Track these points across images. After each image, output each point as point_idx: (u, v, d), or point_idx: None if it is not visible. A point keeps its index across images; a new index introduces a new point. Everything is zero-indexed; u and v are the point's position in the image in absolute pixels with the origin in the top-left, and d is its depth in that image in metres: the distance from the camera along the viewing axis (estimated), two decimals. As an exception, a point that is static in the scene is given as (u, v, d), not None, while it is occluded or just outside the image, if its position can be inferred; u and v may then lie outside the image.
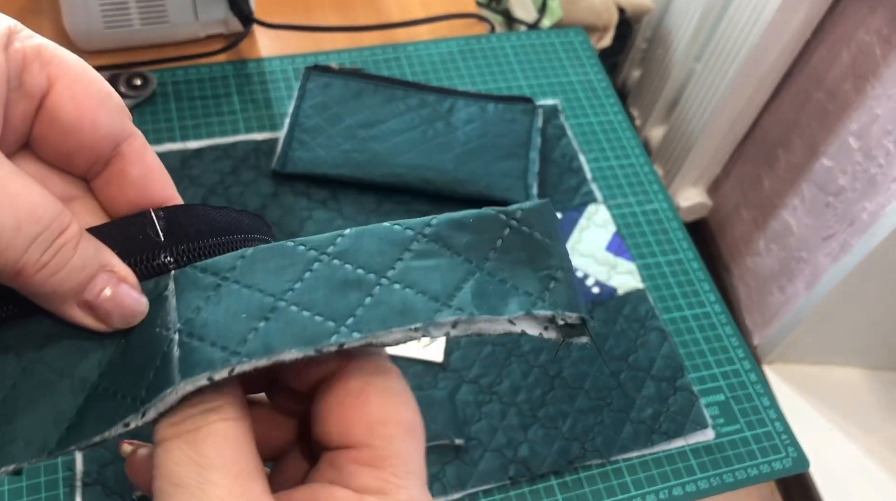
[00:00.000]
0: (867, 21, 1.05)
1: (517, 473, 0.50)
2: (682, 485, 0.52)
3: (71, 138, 0.23)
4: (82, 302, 0.22)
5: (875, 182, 1.05)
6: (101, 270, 0.22)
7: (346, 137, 0.63)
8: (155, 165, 0.24)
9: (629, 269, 0.61)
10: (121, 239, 0.23)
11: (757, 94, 1.21)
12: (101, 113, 0.23)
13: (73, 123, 0.22)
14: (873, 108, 1.04)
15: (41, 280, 0.21)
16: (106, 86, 0.23)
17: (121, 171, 0.24)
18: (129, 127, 0.24)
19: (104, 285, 0.22)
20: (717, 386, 0.57)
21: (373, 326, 0.21)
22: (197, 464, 0.19)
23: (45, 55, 0.22)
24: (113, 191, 0.24)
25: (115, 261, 0.22)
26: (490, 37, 0.76)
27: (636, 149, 0.69)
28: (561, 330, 0.22)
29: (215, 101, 0.66)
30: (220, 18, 0.69)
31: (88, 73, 0.23)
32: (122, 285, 0.22)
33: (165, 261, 0.23)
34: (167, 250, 0.23)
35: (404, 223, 0.23)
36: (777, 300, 1.25)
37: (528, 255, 0.23)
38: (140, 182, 0.24)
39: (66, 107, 0.22)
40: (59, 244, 0.21)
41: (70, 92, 0.22)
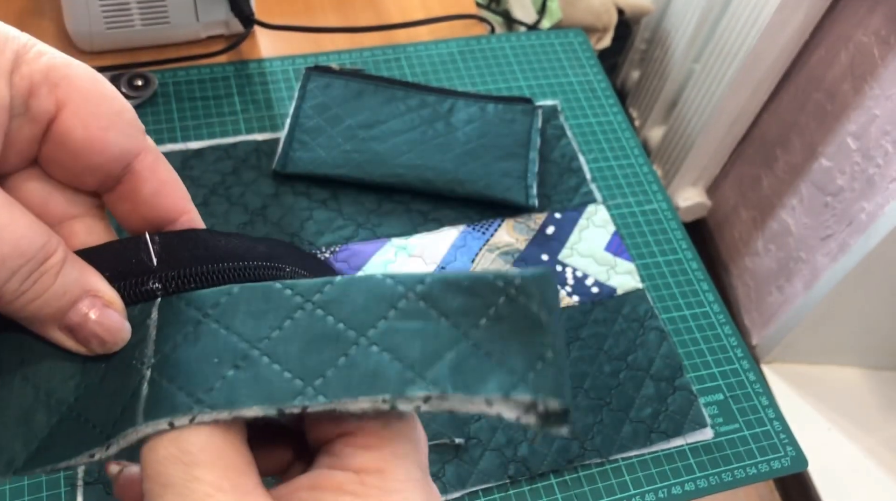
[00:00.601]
0: (865, 22, 1.05)
1: (517, 472, 0.51)
2: (681, 484, 0.52)
3: (80, 160, 0.22)
4: (64, 324, 0.21)
5: (873, 182, 1.05)
6: (85, 295, 0.21)
7: (347, 138, 0.63)
8: (168, 179, 0.24)
9: (628, 269, 0.61)
10: (113, 262, 0.22)
11: (756, 95, 1.21)
12: (111, 134, 0.22)
13: (81, 147, 0.22)
14: (872, 109, 1.05)
15: (20, 306, 0.21)
16: (118, 102, 0.23)
17: (132, 189, 0.23)
18: (142, 143, 0.23)
19: (88, 310, 0.21)
20: (716, 385, 0.57)
21: (339, 392, 0.20)
22: (182, 462, 0.19)
23: (54, 76, 0.22)
24: (125, 207, 0.24)
25: (102, 286, 0.22)
26: (490, 38, 0.76)
27: (635, 149, 0.69)
28: (541, 417, 0.20)
29: (216, 102, 0.66)
30: (221, 19, 0.69)
31: (99, 90, 0.22)
32: (107, 310, 0.22)
33: (153, 288, 0.22)
34: (157, 276, 0.22)
35: (397, 277, 0.21)
36: (776, 300, 1.26)
37: (520, 328, 0.21)
38: (152, 199, 0.23)
39: (75, 131, 0.22)
40: (40, 273, 0.21)
41: (79, 115, 0.22)
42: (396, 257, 0.59)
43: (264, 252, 0.25)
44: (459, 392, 0.20)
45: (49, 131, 0.22)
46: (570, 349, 0.56)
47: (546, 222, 0.63)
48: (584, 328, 0.57)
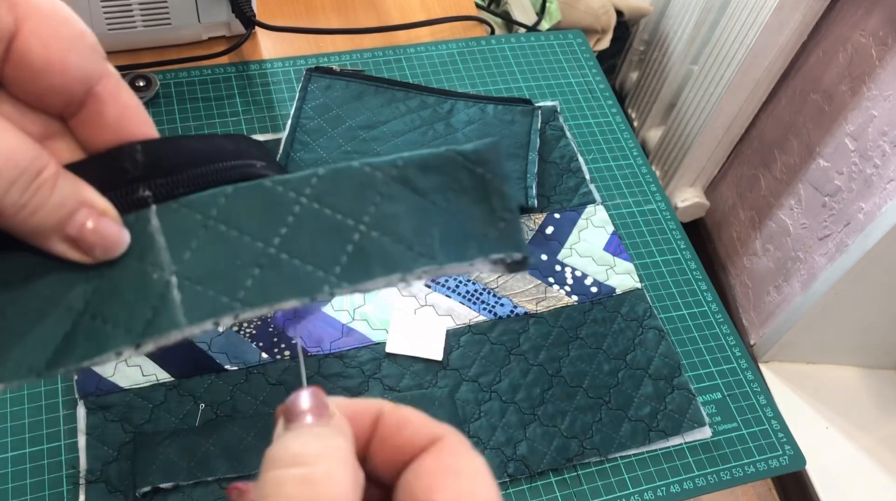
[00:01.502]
0: (863, 23, 1.06)
1: (516, 471, 0.51)
2: (680, 483, 0.53)
3: (41, 81, 0.22)
4: (65, 236, 0.22)
5: (871, 182, 1.06)
6: (81, 206, 0.22)
7: (347, 138, 0.63)
8: (131, 104, 0.24)
9: (627, 269, 0.61)
10: (99, 174, 0.23)
11: (754, 96, 1.22)
12: (72, 55, 0.22)
13: (41, 66, 0.22)
14: (869, 109, 1.05)
15: (22, 219, 0.21)
16: (78, 26, 0.23)
17: (96, 112, 0.23)
18: (103, 67, 0.23)
19: (85, 219, 0.22)
20: (715, 384, 0.58)
21: (359, 276, 0.22)
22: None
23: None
24: (90, 132, 0.24)
25: (94, 196, 0.23)
26: (490, 39, 0.76)
27: (634, 150, 0.70)
28: (507, 266, 0.24)
29: (217, 103, 0.66)
30: (223, 21, 0.69)
31: (59, 12, 0.22)
32: (103, 219, 0.22)
33: (144, 195, 0.23)
34: (145, 184, 0.23)
35: (373, 163, 0.24)
36: (773, 299, 1.26)
37: (481, 196, 0.24)
38: (116, 122, 0.24)
39: (35, 50, 0.22)
40: (38, 185, 0.21)
41: (38, 33, 0.22)
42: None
43: (234, 149, 0.26)
44: (452, 261, 0.23)
45: (9, 50, 0.22)
46: (570, 348, 0.57)
47: (545, 222, 0.63)
48: (583, 327, 0.58)
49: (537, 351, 0.56)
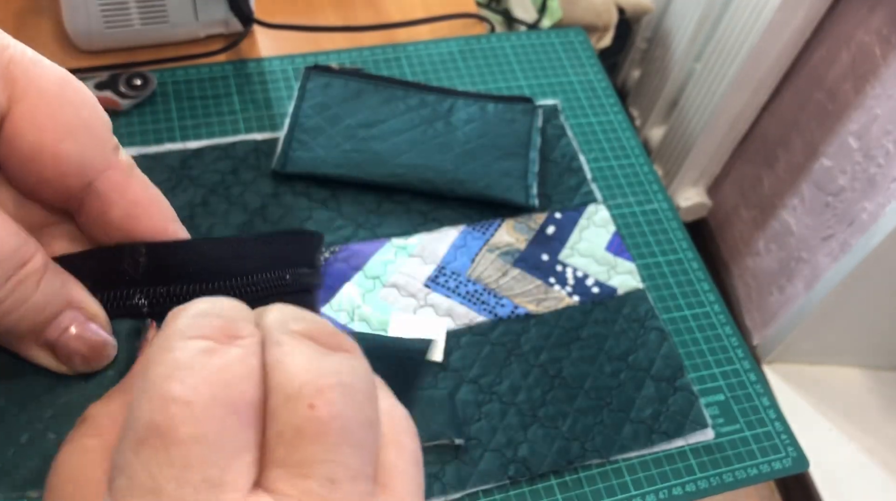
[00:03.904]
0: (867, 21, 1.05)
1: (517, 473, 0.50)
2: (682, 485, 0.52)
3: (29, 169, 0.20)
4: (43, 341, 0.19)
5: (875, 182, 1.05)
6: (67, 307, 0.20)
7: (346, 137, 0.63)
8: (142, 200, 0.21)
9: (629, 269, 0.61)
10: (94, 271, 0.20)
11: (757, 94, 1.21)
12: (67, 144, 0.20)
13: (30, 153, 0.19)
14: (873, 108, 1.05)
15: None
16: (87, 112, 0.20)
17: (99, 212, 0.21)
18: (107, 159, 0.21)
19: (69, 324, 0.19)
20: (717, 385, 0.57)
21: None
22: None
23: (14, 72, 0.19)
24: (96, 232, 0.21)
25: (85, 298, 0.20)
26: (490, 37, 0.76)
27: (636, 149, 0.69)
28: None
29: (215, 101, 0.66)
30: (221, 18, 0.69)
31: (65, 94, 0.20)
32: (90, 324, 0.20)
33: (138, 304, 0.21)
34: (143, 291, 0.21)
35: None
36: (777, 300, 1.25)
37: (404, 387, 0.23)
38: (123, 223, 0.21)
39: (24, 135, 0.19)
40: (19, 279, 0.18)
41: (32, 117, 0.19)
42: (396, 257, 0.59)
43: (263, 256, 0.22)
44: None
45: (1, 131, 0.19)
46: (571, 349, 0.56)
47: (546, 222, 0.62)
48: (584, 328, 0.57)
49: (538, 352, 0.56)
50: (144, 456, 0.15)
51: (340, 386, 0.16)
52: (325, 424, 0.16)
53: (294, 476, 0.15)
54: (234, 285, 0.21)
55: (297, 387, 0.16)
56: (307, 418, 0.16)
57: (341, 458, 0.16)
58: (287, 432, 0.16)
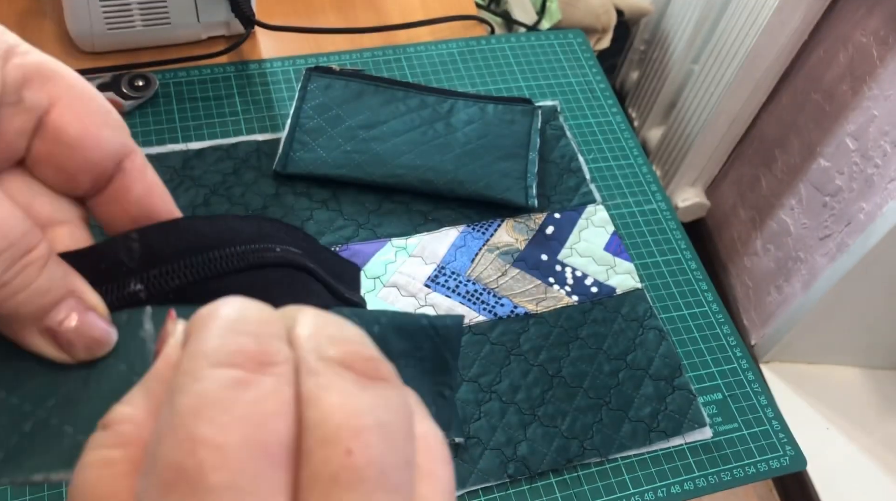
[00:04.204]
0: (864, 22, 1.05)
1: (516, 471, 0.51)
2: (681, 483, 0.53)
3: (76, 155, 0.22)
4: (44, 328, 0.20)
5: (872, 182, 1.05)
6: (68, 296, 0.20)
7: (347, 138, 0.63)
8: (155, 182, 0.24)
9: (627, 269, 0.61)
10: (93, 265, 0.21)
11: (754, 95, 1.21)
12: (105, 130, 0.22)
13: (77, 141, 0.22)
14: (870, 109, 1.05)
15: (1, 299, 0.19)
16: (105, 103, 0.23)
17: (124, 188, 0.23)
18: (131, 143, 0.23)
19: (69, 312, 0.20)
20: (715, 384, 0.57)
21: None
22: None
23: (46, 72, 0.22)
24: (115, 208, 0.23)
25: (85, 288, 0.21)
26: (490, 38, 0.76)
27: (634, 149, 0.70)
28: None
29: (217, 102, 0.66)
30: (222, 20, 0.69)
31: (88, 90, 0.23)
32: (90, 313, 0.20)
33: (136, 290, 0.21)
34: (137, 276, 0.21)
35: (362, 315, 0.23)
36: (774, 299, 1.26)
37: (433, 367, 0.25)
38: (142, 199, 0.23)
39: (71, 125, 0.22)
40: (24, 263, 0.19)
41: (73, 109, 0.22)
42: (396, 257, 0.59)
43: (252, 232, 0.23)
44: None
45: (43, 126, 0.22)
46: (570, 348, 0.56)
47: (545, 222, 0.63)
48: (583, 327, 0.58)
49: (537, 352, 0.56)
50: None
51: (378, 427, 0.15)
52: (361, 472, 0.15)
53: None
54: (225, 255, 0.22)
55: (335, 430, 0.15)
56: (343, 466, 0.15)
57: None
58: (322, 478, 0.15)
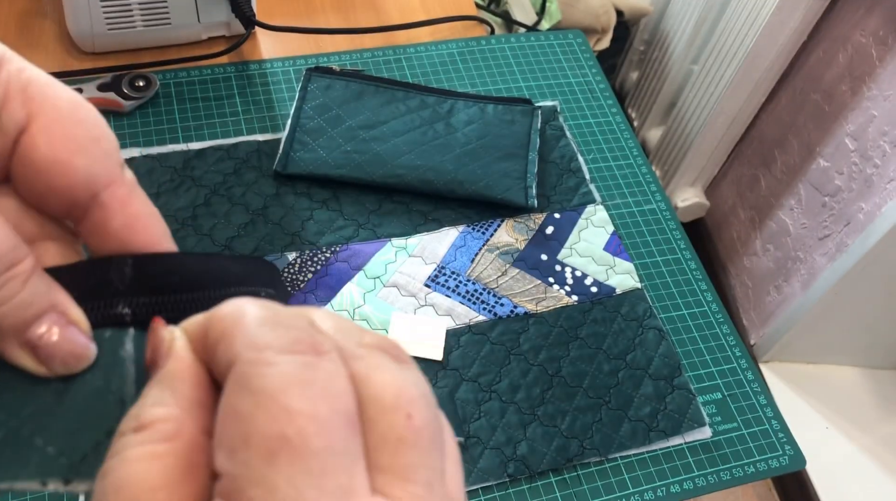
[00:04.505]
0: (863, 22, 1.06)
1: (516, 471, 0.51)
2: (680, 483, 0.53)
3: (41, 180, 0.21)
4: (25, 341, 0.20)
5: (871, 182, 1.05)
6: (51, 310, 0.21)
7: (347, 138, 0.63)
8: (141, 214, 0.23)
9: (627, 269, 0.61)
10: (80, 281, 0.21)
11: (754, 96, 1.22)
12: (78, 158, 0.21)
13: (44, 165, 0.21)
14: (869, 109, 1.05)
15: None
16: (97, 130, 0.22)
17: (101, 221, 0.22)
18: (113, 174, 0.22)
19: (51, 326, 0.20)
20: (715, 384, 0.58)
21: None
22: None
23: (31, 91, 0.21)
24: (95, 241, 0.23)
25: (68, 303, 0.21)
26: (489, 39, 0.76)
27: (634, 149, 0.70)
28: None
29: (217, 103, 0.66)
30: (223, 20, 0.69)
31: (77, 114, 0.22)
32: (71, 328, 0.21)
33: (122, 312, 0.21)
34: (126, 300, 0.21)
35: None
36: (774, 299, 1.26)
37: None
38: (121, 234, 0.22)
39: (39, 148, 0.21)
40: (8, 277, 0.20)
41: (47, 132, 0.21)
42: (397, 257, 0.59)
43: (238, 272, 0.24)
44: None
45: (17, 145, 0.21)
46: (570, 348, 0.57)
47: (545, 222, 0.63)
48: (583, 327, 0.58)
49: (537, 351, 0.56)
50: (282, 468, 0.16)
51: (423, 398, 0.18)
52: (420, 432, 0.17)
53: (402, 481, 0.17)
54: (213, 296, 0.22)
55: (393, 399, 0.18)
56: (406, 427, 0.17)
57: (433, 462, 0.18)
58: (390, 439, 0.17)
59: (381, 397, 0.18)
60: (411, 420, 0.17)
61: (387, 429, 0.17)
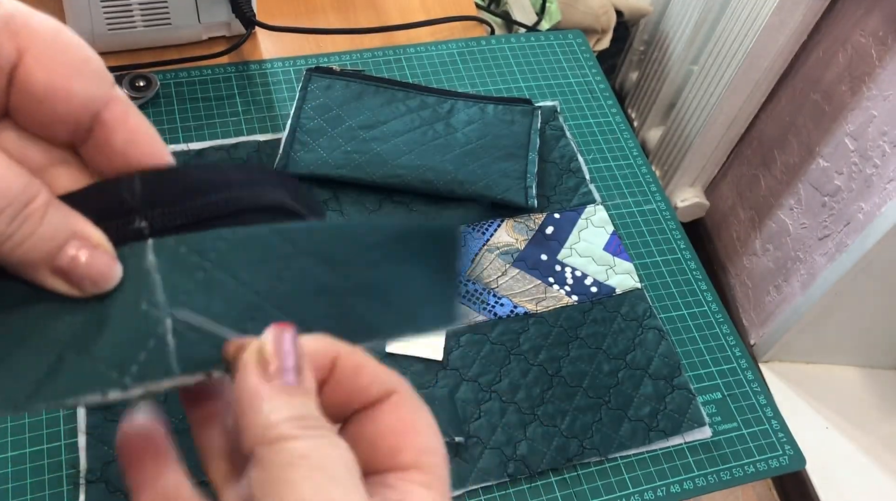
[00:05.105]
0: (863, 23, 1.06)
1: (516, 470, 0.51)
2: (680, 483, 0.53)
3: (45, 109, 0.22)
4: (54, 268, 0.22)
5: (871, 182, 1.06)
6: (72, 237, 0.22)
7: (347, 138, 0.63)
8: (140, 128, 0.23)
9: (627, 269, 0.62)
10: (95, 204, 0.23)
11: (753, 96, 1.22)
12: (75, 81, 0.22)
13: (45, 94, 0.22)
14: (869, 109, 1.05)
15: (8, 250, 0.21)
16: (83, 51, 0.22)
17: (104, 139, 0.23)
18: (109, 92, 0.23)
19: (76, 251, 0.21)
20: (715, 384, 0.58)
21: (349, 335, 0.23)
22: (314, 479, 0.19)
23: (14, 24, 0.21)
24: (100, 159, 0.23)
25: (88, 228, 0.22)
26: (489, 39, 0.76)
27: (634, 150, 0.70)
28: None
29: (218, 103, 0.66)
30: (223, 21, 0.69)
31: (62, 38, 0.22)
32: (95, 251, 0.22)
33: (140, 227, 0.23)
34: (141, 215, 0.23)
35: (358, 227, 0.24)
36: (773, 299, 1.26)
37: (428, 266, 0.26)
38: (124, 148, 0.23)
39: (37, 78, 0.22)
40: (26, 215, 0.21)
41: (40, 61, 0.21)
42: (397, 257, 0.59)
43: (243, 179, 0.25)
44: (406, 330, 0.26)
45: (13, 79, 0.22)
46: (569, 348, 0.57)
47: (545, 222, 0.63)
48: (583, 327, 0.58)
49: (537, 351, 0.56)
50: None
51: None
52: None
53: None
54: (223, 199, 0.24)
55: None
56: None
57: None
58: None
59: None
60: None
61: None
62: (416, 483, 0.22)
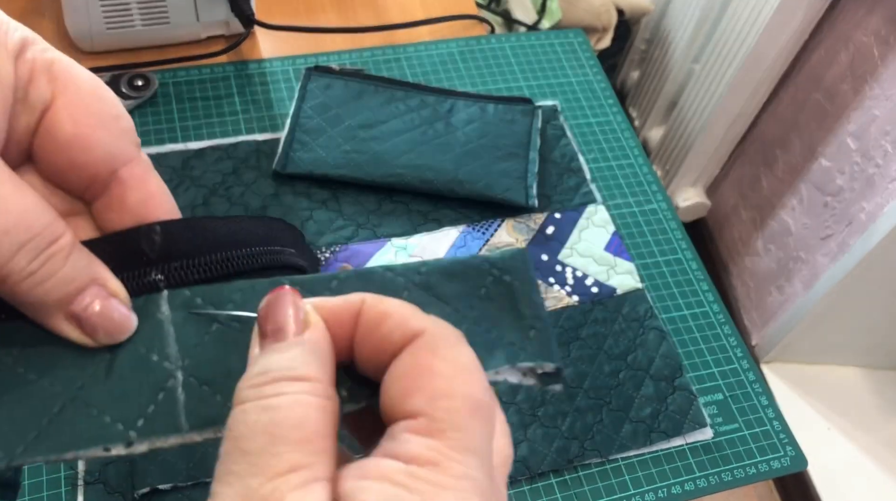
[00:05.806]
0: (865, 22, 1.05)
1: (516, 472, 0.51)
2: (681, 484, 0.52)
3: (64, 156, 0.22)
4: (69, 313, 0.21)
5: (873, 182, 1.05)
6: (92, 283, 0.21)
7: (347, 138, 0.63)
8: (156, 191, 0.24)
9: (628, 269, 0.61)
10: (114, 253, 0.22)
11: (755, 95, 1.21)
12: (99, 134, 0.22)
13: (67, 141, 0.22)
14: (871, 109, 1.05)
15: (27, 288, 0.20)
16: (115, 108, 0.23)
17: (119, 196, 0.23)
18: (132, 152, 0.23)
19: (93, 298, 0.21)
20: (716, 385, 0.57)
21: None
22: (271, 434, 0.18)
23: (56, 70, 0.22)
24: (111, 216, 0.23)
25: (108, 276, 0.22)
26: (490, 38, 0.76)
27: (635, 149, 0.69)
28: (539, 378, 0.23)
29: (216, 102, 0.66)
30: (222, 20, 0.69)
31: (98, 92, 0.23)
32: (112, 300, 0.21)
33: (155, 279, 0.22)
34: (158, 267, 0.22)
35: (395, 269, 0.23)
36: (775, 300, 1.26)
37: (509, 304, 0.24)
38: (138, 209, 0.23)
39: (63, 124, 0.22)
40: (50, 253, 0.20)
41: (70, 109, 0.22)
42: (397, 257, 0.59)
43: (263, 234, 0.25)
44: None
45: (42, 120, 0.22)
46: (570, 348, 0.56)
47: (546, 222, 0.63)
48: (583, 328, 0.57)
49: (538, 352, 0.56)
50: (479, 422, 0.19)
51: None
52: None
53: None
54: (241, 255, 0.24)
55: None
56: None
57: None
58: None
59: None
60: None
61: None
62: (413, 430, 0.19)
